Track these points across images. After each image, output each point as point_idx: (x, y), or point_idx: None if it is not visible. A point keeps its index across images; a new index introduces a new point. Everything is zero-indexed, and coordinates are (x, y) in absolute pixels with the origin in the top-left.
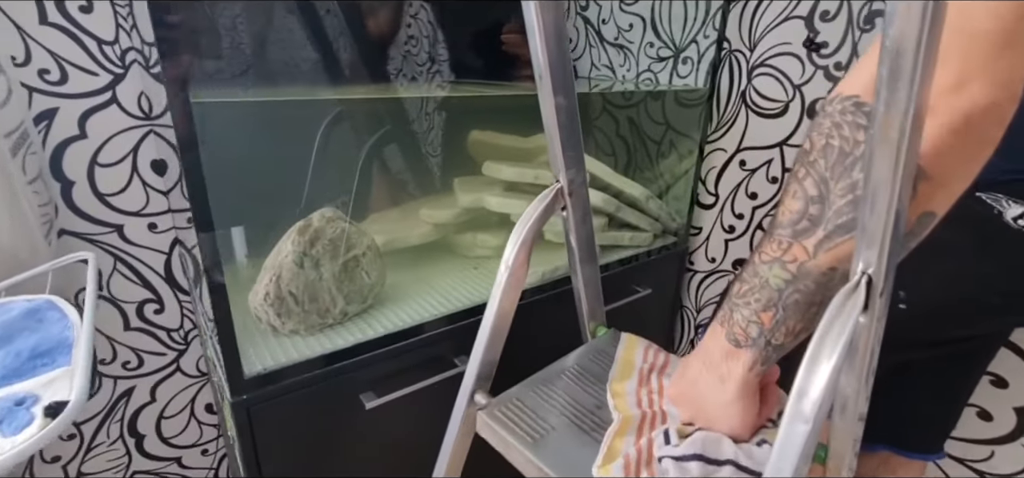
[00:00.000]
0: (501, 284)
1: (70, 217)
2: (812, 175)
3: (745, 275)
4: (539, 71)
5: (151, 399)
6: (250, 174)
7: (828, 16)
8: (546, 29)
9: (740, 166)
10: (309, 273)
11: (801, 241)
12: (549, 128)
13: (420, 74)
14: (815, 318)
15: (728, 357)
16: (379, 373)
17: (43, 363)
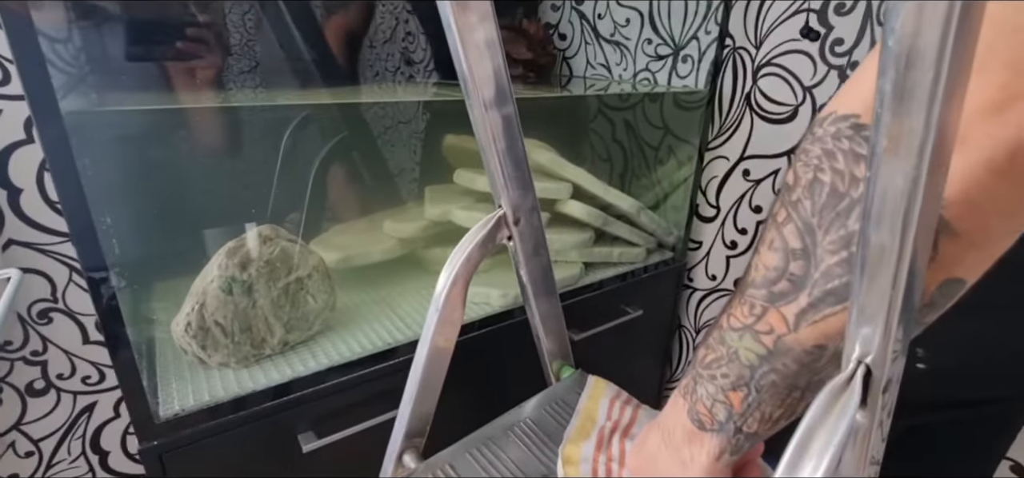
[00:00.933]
0: (431, 326)
1: (19, 226)
2: (794, 220)
3: (711, 341)
4: (463, 78)
5: (115, 415)
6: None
7: (843, 9)
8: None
9: (743, 176)
10: (239, 300)
11: (779, 307)
12: (483, 144)
13: (410, 74)
14: (798, 403)
15: (691, 439)
16: (321, 411)
17: None
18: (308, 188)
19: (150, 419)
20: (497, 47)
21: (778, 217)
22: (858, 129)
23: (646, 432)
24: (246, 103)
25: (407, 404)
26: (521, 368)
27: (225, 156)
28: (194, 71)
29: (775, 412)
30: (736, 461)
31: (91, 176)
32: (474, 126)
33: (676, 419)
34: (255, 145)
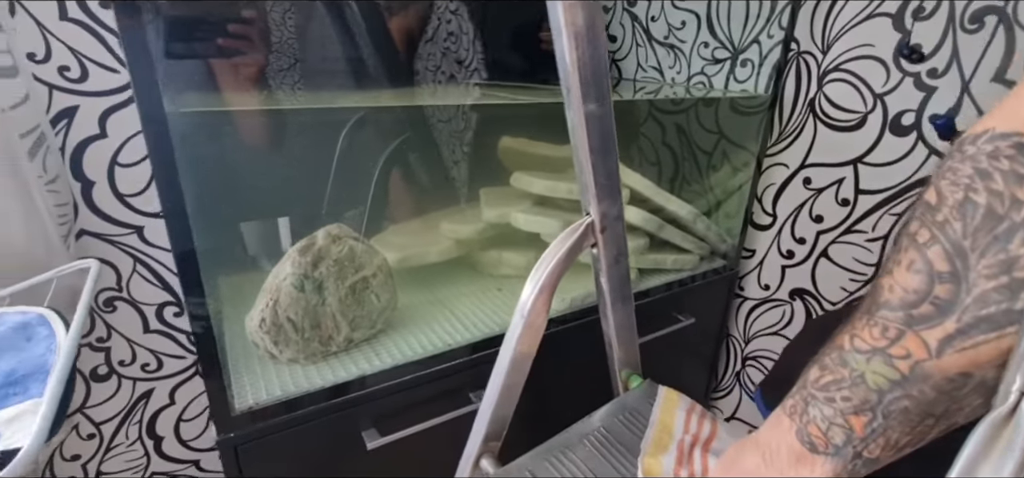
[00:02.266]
0: (516, 333)
1: (90, 217)
2: (941, 242)
3: (827, 362)
4: (565, 81)
5: (170, 402)
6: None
7: (922, 14)
8: (575, 34)
9: (804, 184)
10: (310, 297)
11: (919, 332)
12: (578, 151)
13: (452, 74)
14: (930, 431)
15: (799, 462)
16: (384, 409)
17: (14, 392)
18: (371, 188)
19: (227, 411)
20: (603, 49)
21: (919, 238)
22: (1021, 148)
23: (738, 449)
24: (316, 105)
25: (487, 408)
26: (576, 373)
27: (285, 155)
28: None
29: (902, 439)
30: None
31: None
32: (571, 132)
33: (780, 440)
34: (314, 145)
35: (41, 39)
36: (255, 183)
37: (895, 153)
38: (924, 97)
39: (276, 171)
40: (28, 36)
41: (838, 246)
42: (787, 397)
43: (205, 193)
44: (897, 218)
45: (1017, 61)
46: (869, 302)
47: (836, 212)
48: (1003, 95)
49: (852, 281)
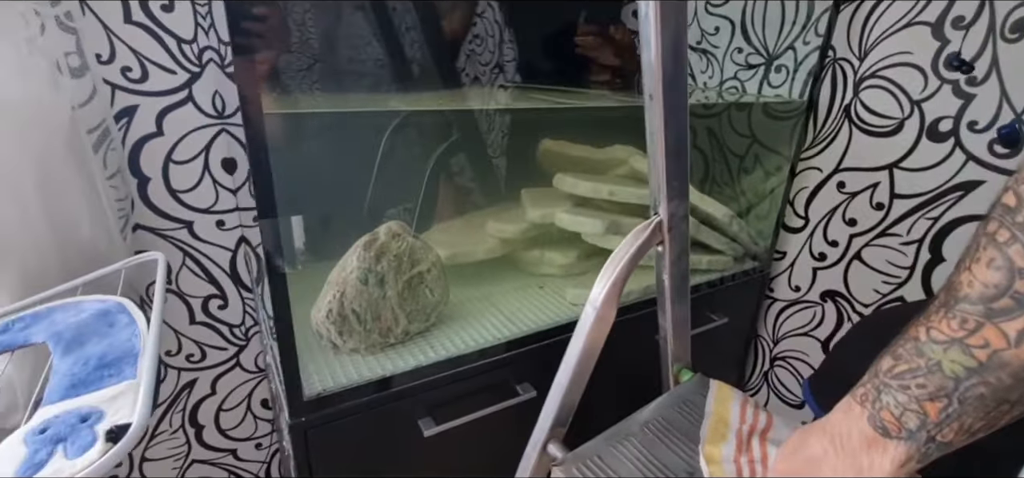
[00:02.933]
0: (587, 324)
1: (144, 212)
2: (1021, 240)
3: (901, 351)
4: (650, 90)
5: (211, 392)
6: (312, 180)
7: (962, 23)
8: (664, 41)
9: (838, 188)
10: (373, 290)
11: (998, 323)
12: (654, 155)
13: (485, 76)
14: (1002, 417)
15: (871, 446)
16: (439, 399)
17: (109, 374)
18: (422, 187)
19: (300, 396)
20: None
21: (998, 237)
22: None
23: (802, 436)
24: (387, 108)
25: (556, 395)
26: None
27: (337, 154)
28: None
29: (976, 423)
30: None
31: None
32: (649, 136)
33: (851, 425)
34: (364, 144)
35: (106, 41)
36: (308, 180)
37: (932, 159)
38: (962, 104)
39: (328, 169)
40: (95, 38)
41: (871, 249)
42: (856, 387)
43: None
44: (934, 222)
45: None
46: (945, 297)
47: (870, 216)
48: None
49: (885, 284)
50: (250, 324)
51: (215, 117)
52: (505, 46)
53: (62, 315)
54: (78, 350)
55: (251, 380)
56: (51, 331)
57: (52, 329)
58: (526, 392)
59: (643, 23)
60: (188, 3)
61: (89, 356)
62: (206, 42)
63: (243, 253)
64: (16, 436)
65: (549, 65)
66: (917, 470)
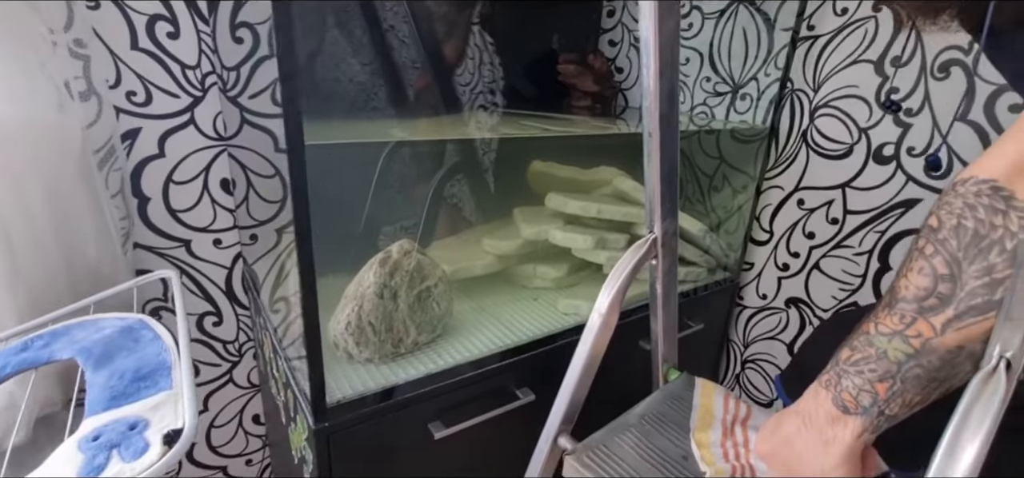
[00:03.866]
0: (593, 329)
1: (143, 231)
2: (941, 253)
3: (856, 343)
4: (650, 128)
5: (204, 408)
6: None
7: (900, 61)
8: (662, 88)
9: (798, 205)
10: (388, 303)
11: (928, 318)
12: (651, 183)
13: (476, 100)
14: (934, 392)
15: (834, 422)
16: (446, 404)
17: (146, 386)
18: (425, 207)
19: (324, 403)
20: (678, 106)
21: (925, 251)
22: (996, 190)
23: (778, 419)
24: (415, 137)
25: (565, 393)
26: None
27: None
28: None
29: (914, 398)
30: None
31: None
32: (647, 166)
33: (818, 406)
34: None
35: (113, 66)
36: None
37: (878, 179)
38: (902, 132)
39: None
40: (103, 64)
41: (828, 260)
42: (821, 375)
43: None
44: (881, 235)
45: (977, 105)
46: (889, 298)
47: (826, 230)
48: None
49: (841, 290)
50: (244, 340)
51: (216, 139)
52: (488, 69)
53: (82, 332)
54: (109, 365)
55: (243, 396)
56: (78, 347)
57: (77, 345)
58: (525, 396)
59: (644, 72)
60: (193, 30)
61: (123, 370)
62: (209, 68)
63: (239, 270)
64: (70, 443)
65: (534, 90)
66: (870, 441)
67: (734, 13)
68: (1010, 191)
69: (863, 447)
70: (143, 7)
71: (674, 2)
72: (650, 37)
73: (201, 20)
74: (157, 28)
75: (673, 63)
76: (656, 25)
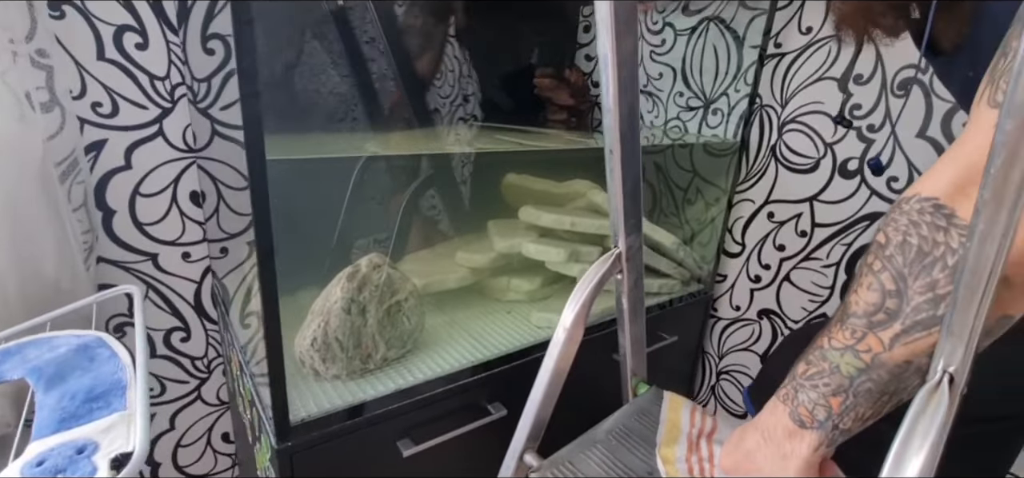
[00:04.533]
0: (558, 344)
1: (108, 245)
2: (888, 270)
3: (811, 358)
4: (610, 145)
5: (170, 427)
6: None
7: (862, 79)
8: (622, 107)
9: (768, 218)
10: (355, 319)
11: (876, 333)
12: (614, 198)
13: (452, 113)
14: (885, 405)
15: (791, 436)
16: (416, 420)
17: (98, 407)
18: (396, 220)
19: (287, 422)
20: (639, 122)
21: (874, 266)
22: (938, 208)
23: (740, 433)
24: (383, 152)
25: (531, 410)
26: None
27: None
28: None
29: (867, 412)
30: (823, 456)
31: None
32: (610, 182)
33: (776, 421)
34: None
35: (78, 77)
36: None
37: (843, 193)
38: (865, 147)
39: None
40: (67, 75)
41: (798, 271)
42: (780, 388)
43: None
44: (847, 247)
45: (934, 122)
46: (841, 313)
47: (796, 242)
48: (924, 148)
49: (811, 302)
50: (213, 356)
51: (185, 151)
52: (466, 82)
53: (36, 350)
54: (61, 385)
55: (212, 413)
56: (29, 367)
57: (28, 364)
58: (497, 411)
59: (604, 92)
60: (163, 40)
61: (75, 390)
62: (179, 79)
63: (208, 284)
64: (12, 469)
65: (511, 103)
66: (827, 455)
67: (705, 30)
68: (951, 209)
69: (821, 460)
70: (110, 17)
71: (631, 20)
72: (608, 55)
73: (171, 31)
74: (125, 38)
75: (632, 80)
76: (613, 43)
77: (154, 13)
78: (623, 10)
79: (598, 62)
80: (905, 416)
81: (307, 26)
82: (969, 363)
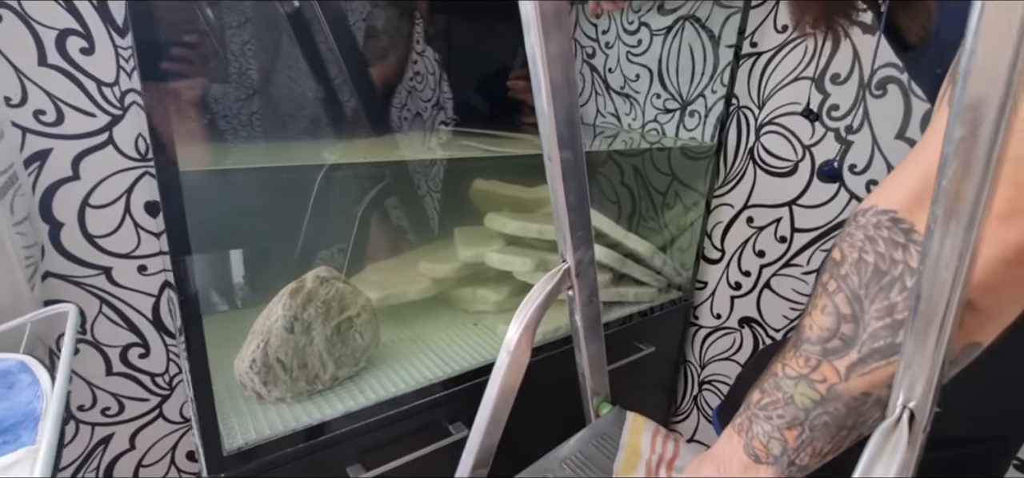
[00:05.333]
0: (502, 368)
1: (57, 259)
2: (844, 290)
3: (765, 386)
4: (548, 153)
5: (130, 446)
6: (241, 224)
7: (839, 79)
8: (557, 112)
9: (747, 223)
10: (299, 338)
11: (832, 361)
12: (558, 209)
13: (424, 114)
14: (845, 440)
15: (746, 471)
16: (369, 444)
17: (5, 441)
18: (353, 229)
19: (219, 451)
20: (579, 125)
21: (829, 287)
22: (896, 222)
23: (697, 464)
24: (313, 162)
25: (476, 437)
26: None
27: (265, 197)
28: None
29: (825, 447)
30: None
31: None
32: (552, 192)
33: (731, 453)
34: (294, 189)
35: (17, 84)
36: (232, 224)
37: (823, 197)
38: (843, 149)
39: (256, 212)
40: (5, 81)
41: (779, 278)
42: (735, 416)
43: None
44: (827, 254)
45: (913, 122)
46: (796, 337)
47: (776, 248)
48: (903, 150)
49: (792, 310)
50: (174, 372)
51: (138, 160)
52: (443, 85)
53: None
54: None
55: (175, 431)
56: None
57: None
58: (459, 431)
59: (536, 95)
60: (110, 45)
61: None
62: (129, 85)
63: (167, 298)
64: None
65: (484, 106)
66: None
67: (680, 29)
68: (910, 223)
69: None
70: (51, 20)
71: (561, 16)
72: (537, 53)
73: (118, 34)
74: (69, 43)
75: (568, 82)
76: (541, 39)
77: (100, 16)
78: (550, 6)
79: (528, 61)
80: (860, 457)
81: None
82: (932, 397)
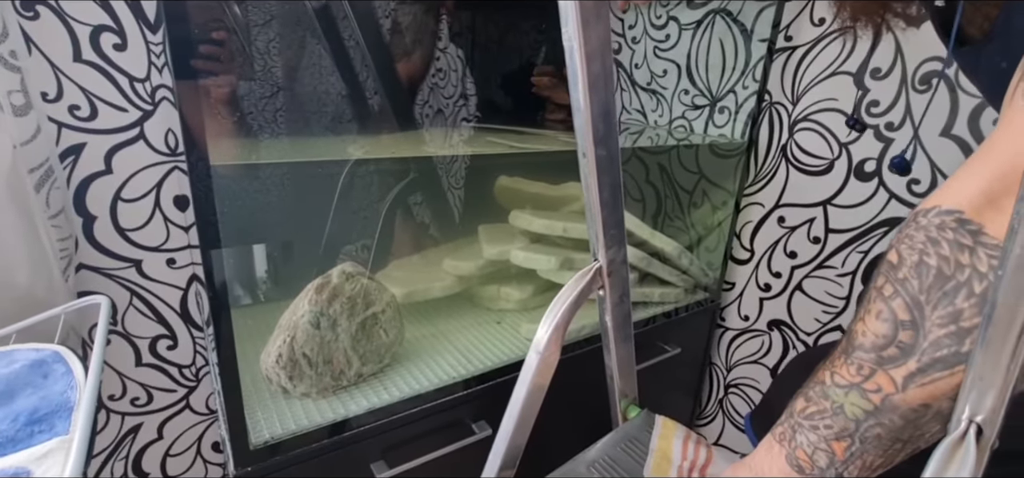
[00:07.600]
0: (532, 368)
1: (90, 252)
2: (902, 295)
3: (811, 394)
4: (583, 149)
5: (158, 436)
6: (267, 219)
7: (880, 74)
8: (594, 106)
9: (779, 223)
10: (325, 334)
11: (887, 370)
12: (591, 207)
13: (445, 111)
14: (898, 454)
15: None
16: (392, 441)
17: (40, 430)
18: (378, 225)
19: (246, 445)
20: (616, 123)
21: (884, 291)
22: (962, 223)
23: (733, 472)
24: (342, 157)
25: (503, 437)
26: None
27: (294, 189)
28: None
29: (875, 461)
30: None
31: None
32: (586, 190)
33: (772, 463)
34: (321, 184)
35: (54, 79)
36: (259, 219)
37: (860, 196)
38: (883, 147)
39: (281, 208)
40: (41, 77)
41: (811, 280)
42: (776, 425)
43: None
44: (864, 255)
45: (960, 119)
46: (846, 343)
47: (808, 249)
48: (949, 148)
49: (825, 313)
50: (201, 364)
51: (168, 155)
52: (467, 82)
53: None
54: (7, 405)
55: (201, 422)
56: None
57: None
58: (482, 430)
59: (573, 89)
60: (142, 41)
61: (19, 412)
62: (160, 80)
63: (194, 291)
64: None
65: (508, 103)
66: None
67: (711, 24)
68: (978, 224)
69: None
70: (86, 17)
71: (601, 6)
72: (575, 46)
73: (149, 31)
74: (102, 39)
75: (606, 75)
76: (580, 32)
77: (132, 13)
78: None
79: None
80: (924, 472)
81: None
82: (1002, 411)
